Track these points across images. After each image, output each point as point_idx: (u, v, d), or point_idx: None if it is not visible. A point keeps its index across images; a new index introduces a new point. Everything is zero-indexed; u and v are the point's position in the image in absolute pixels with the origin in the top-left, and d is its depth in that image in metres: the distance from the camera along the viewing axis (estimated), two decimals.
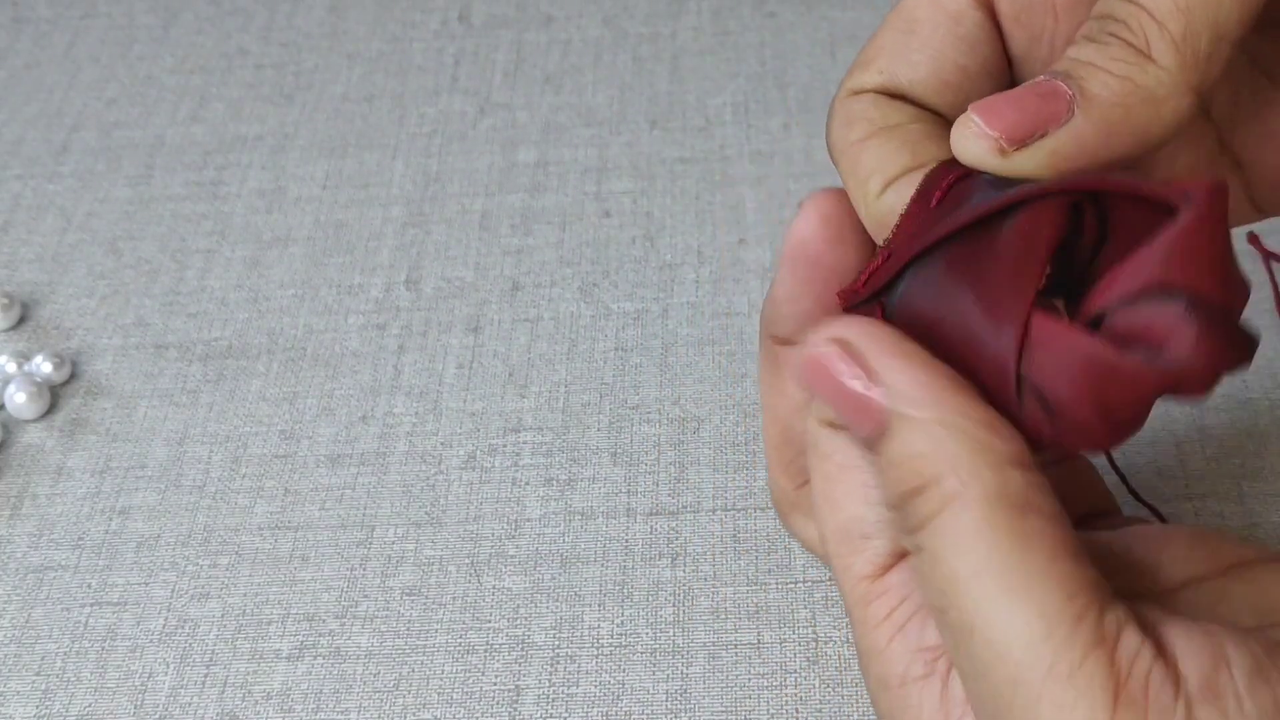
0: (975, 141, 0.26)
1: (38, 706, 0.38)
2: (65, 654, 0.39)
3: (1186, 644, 0.24)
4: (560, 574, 0.40)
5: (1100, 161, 0.26)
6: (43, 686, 0.39)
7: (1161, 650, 0.24)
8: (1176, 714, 0.23)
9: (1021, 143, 0.26)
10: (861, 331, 0.26)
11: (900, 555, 0.27)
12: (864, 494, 0.28)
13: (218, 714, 0.37)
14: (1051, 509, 0.24)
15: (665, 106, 0.54)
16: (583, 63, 0.56)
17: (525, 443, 0.43)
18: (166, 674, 0.38)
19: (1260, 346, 0.43)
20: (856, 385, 0.25)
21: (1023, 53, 0.30)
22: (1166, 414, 0.41)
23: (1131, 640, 0.23)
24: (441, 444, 0.43)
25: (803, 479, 0.32)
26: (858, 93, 0.30)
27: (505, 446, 0.43)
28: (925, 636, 0.27)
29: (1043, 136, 0.26)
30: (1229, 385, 0.42)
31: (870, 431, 0.26)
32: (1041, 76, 0.27)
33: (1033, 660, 0.23)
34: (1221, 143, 0.32)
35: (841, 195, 0.29)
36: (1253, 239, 0.45)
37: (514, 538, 0.41)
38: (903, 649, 0.27)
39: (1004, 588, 0.23)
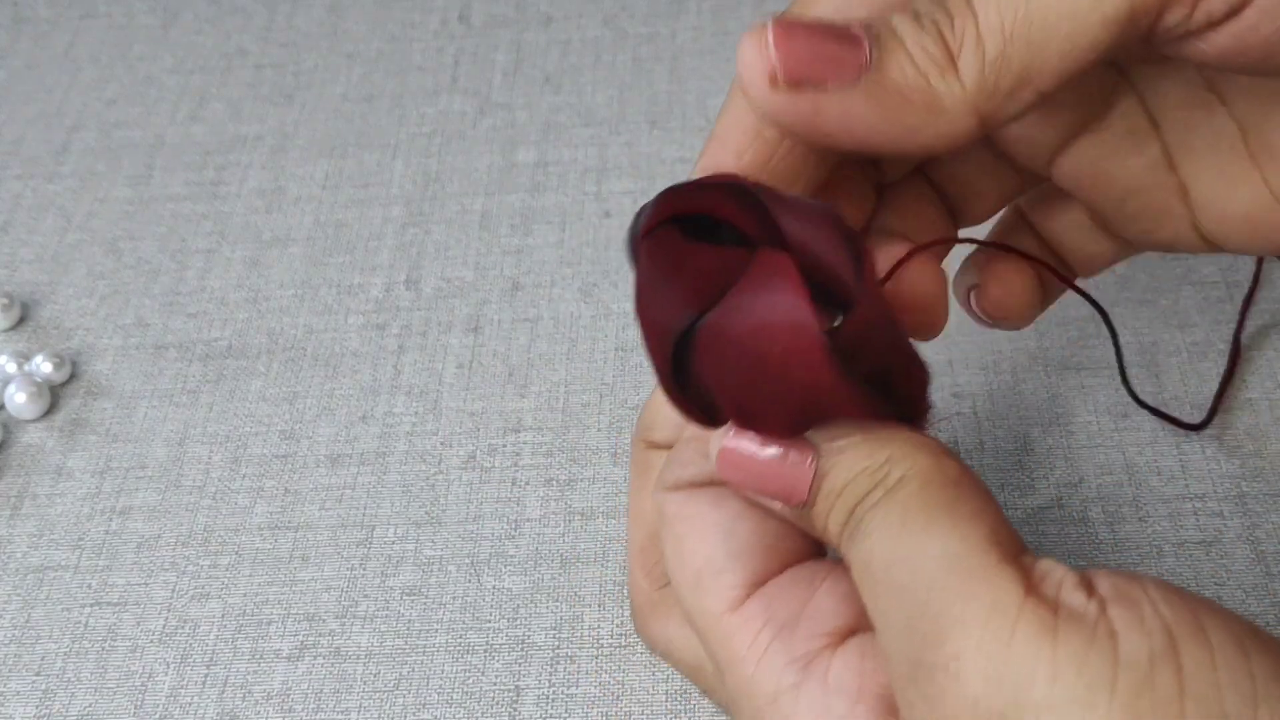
0: (756, 57, 0.26)
1: (38, 706, 0.38)
2: (65, 654, 0.39)
3: (1104, 574, 0.24)
4: (560, 574, 0.40)
5: (855, 143, 0.26)
6: (43, 686, 0.39)
7: (1080, 574, 0.24)
8: (1088, 611, 0.23)
9: (796, 85, 0.25)
10: None
11: (754, 585, 0.28)
12: (713, 537, 0.29)
13: (218, 714, 0.37)
14: (980, 488, 0.26)
15: (665, 106, 0.54)
16: (583, 63, 0.56)
17: (525, 443, 0.43)
18: (166, 674, 0.38)
19: (1259, 348, 0.43)
20: (784, 460, 0.26)
21: None
22: (1164, 416, 0.41)
23: (1048, 562, 0.24)
24: (441, 444, 0.43)
25: (665, 580, 0.33)
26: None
27: (505, 446, 0.43)
28: (793, 648, 0.28)
29: (818, 88, 0.25)
30: (1230, 385, 0.42)
31: (802, 490, 0.26)
32: (857, 25, 0.26)
33: (950, 567, 0.24)
34: (1169, 163, 0.31)
35: None
36: None
37: (514, 538, 0.41)
38: (771, 667, 0.28)
39: (928, 524, 0.25)
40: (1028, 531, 0.39)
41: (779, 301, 0.25)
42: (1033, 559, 0.24)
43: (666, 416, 0.31)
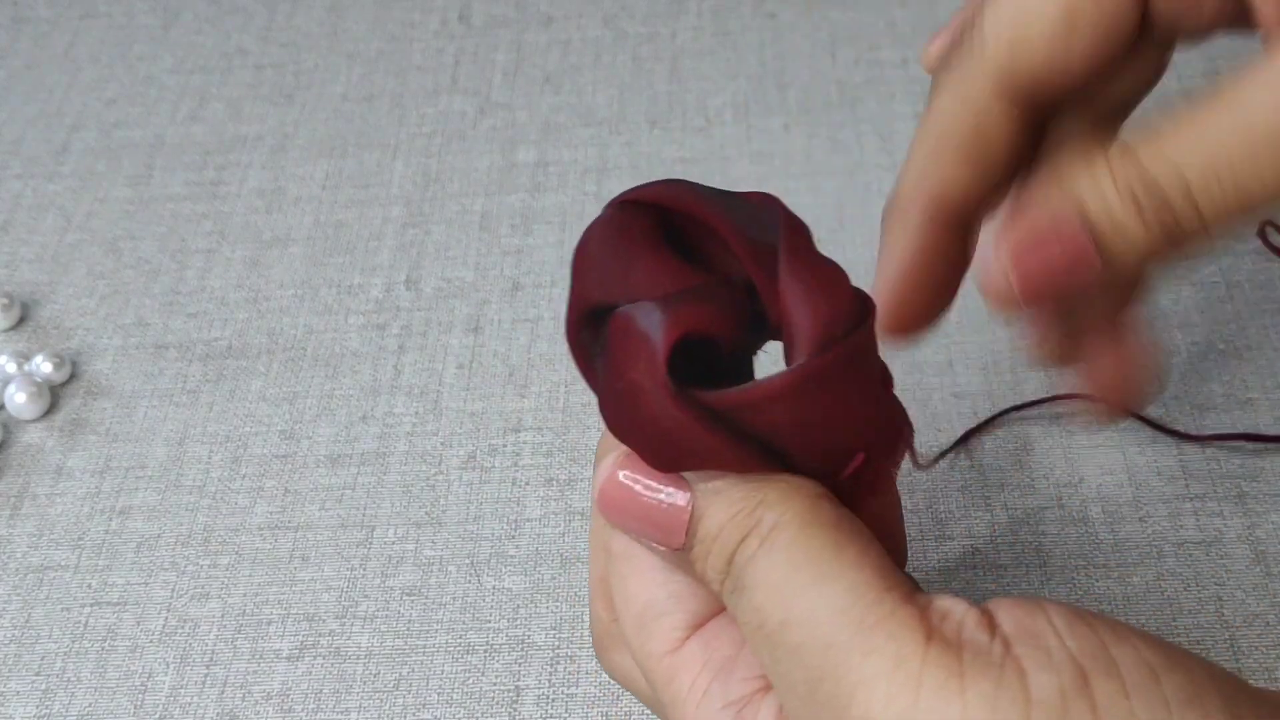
0: (1000, 295, 0.27)
1: (38, 706, 0.38)
2: (65, 654, 0.39)
3: (1005, 608, 0.24)
4: (560, 574, 0.40)
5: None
6: (43, 686, 0.39)
7: (980, 610, 0.24)
8: (993, 651, 0.23)
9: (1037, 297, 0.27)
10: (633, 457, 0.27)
11: (694, 627, 0.28)
12: (652, 578, 0.28)
13: (218, 714, 0.37)
14: (861, 529, 0.25)
15: (665, 106, 0.54)
16: (583, 63, 0.56)
17: (525, 443, 0.43)
18: (166, 674, 0.38)
19: (1259, 347, 0.43)
20: (660, 497, 0.26)
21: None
22: (1166, 414, 0.41)
23: (945, 600, 0.24)
24: (441, 444, 0.43)
25: None
26: None
27: (505, 446, 0.43)
28: (729, 691, 0.27)
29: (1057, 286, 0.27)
30: (1229, 385, 0.42)
31: (678, 531, 0.26)
32: (1066, 225, 0.27)
33: (842, 622, 0.23)
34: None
35: None
36: (1263, 232, 0.45)
37: (514, 538, 0.41)
38: (708, 710, 0.27)
39: (815, 577, 0.24)
40: (1027, 531, 0.39)
41: (650, 323, 0.25)
42: (928, 598, 0.24)
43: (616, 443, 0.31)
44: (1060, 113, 0.32)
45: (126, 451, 0.44)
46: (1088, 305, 0.33)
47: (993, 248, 0.28)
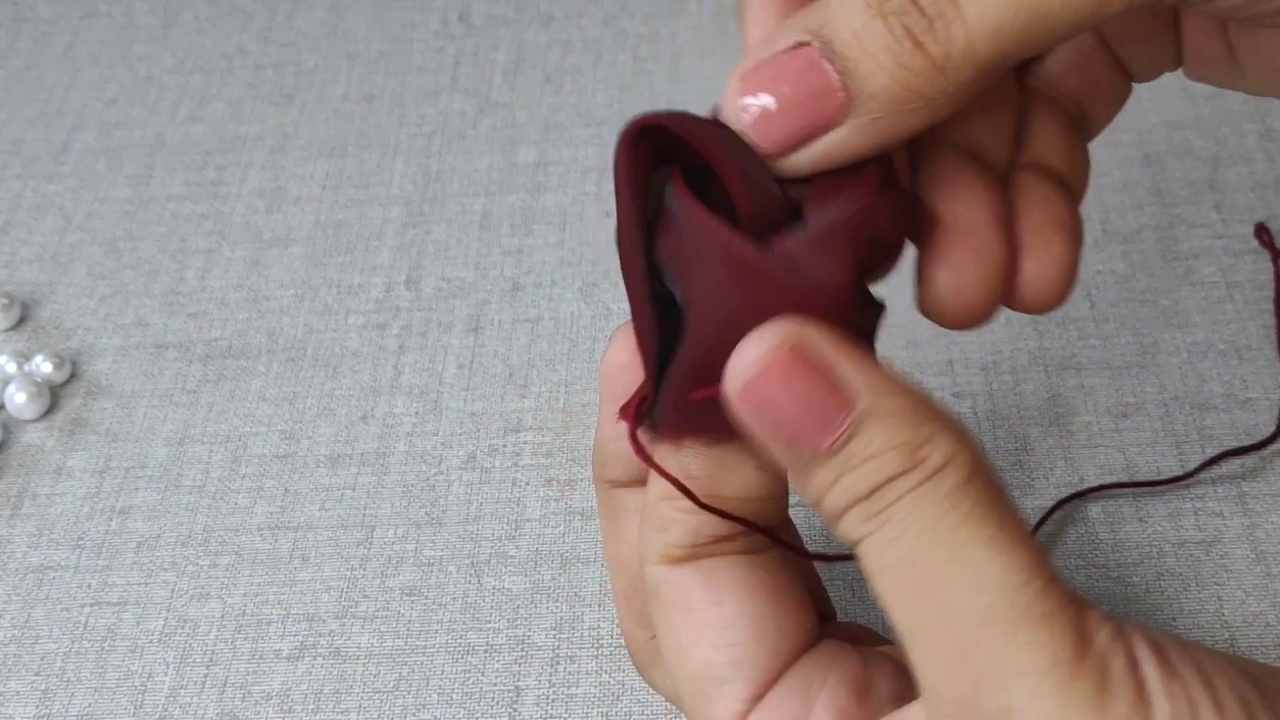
0: (749, 138, 0.25)
1: (38, 706, 0.38)
2: (65, 654, 0.39)
3: (1136, 632, 0.23)
4: (560, 574, 0.40)
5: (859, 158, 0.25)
6: (43, 686, 0.39)
7: (1117, 626, 0.23)
8: (1131, 674, 0.22)
9: (790, 151, 0.25)
10: (815, 331, 0.24)
11: (756, 698, 0.27)
12: (711, 637, 0.27)
13: (218, 714, 0.37)
14: (1014, 506, 0.24)
15: (665, 106, 0.54)
16: (583, 63, 0.56)
17: (525, 443, 0.43)
18: (166, 674, 0.38)
19: (1259, 347, 0.43)
20: (818, 385, 0.24)
21: None
22: (1166, 413, 0.41)
23: (1096, 611, 0.23)
24: (441, 444, 0.43)
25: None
26: None
27: (505, 446, 0.43)
28: None
29: (809, 142, 0.24)
30: (1229, 385, 0.42)
31: (828, 431, 0.24)
32: (815, 49, 0.24)
33: (1009, 600, 0.23)
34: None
35: None
36: (1261, 232, 0.45)
37: (514, 538, 0.41)
38: None
39: (985, 538, 0.23)
40: None
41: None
42: (1083, 603, 0.23)
43: (615, 452, 0.29)
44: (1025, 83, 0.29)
45: (126, 451, 0.44)
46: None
47: (730, 78, 0.25)
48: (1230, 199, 0.47)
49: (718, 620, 0.27)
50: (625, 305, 0.27)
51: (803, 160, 0.25)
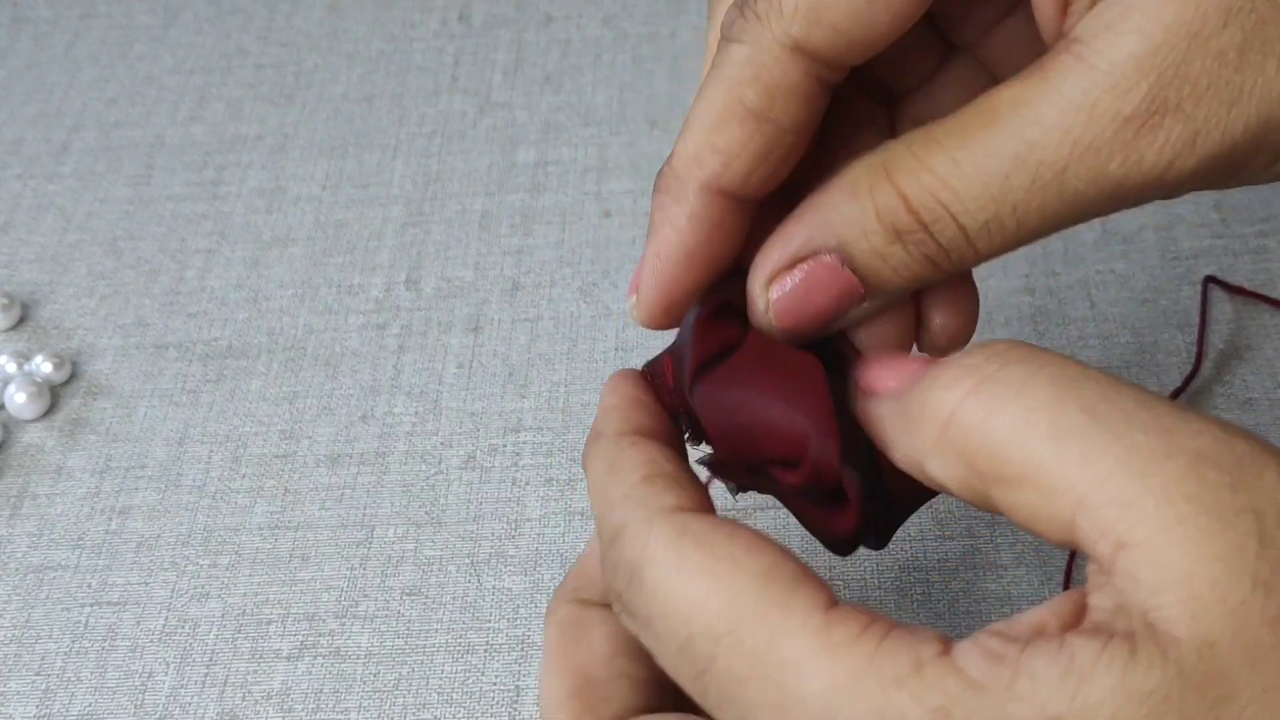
0: (761, 326, 0.27)
1: (38, 706, 0.38)
2: (65, 654, 0.39)
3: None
4: (560, 574, 0.40)
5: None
6: (43, 686, 0.39)
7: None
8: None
9: (810, 332, 0.27)
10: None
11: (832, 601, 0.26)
12: (756, 545, 0.26)
13: (218, 714, 0.37)
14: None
15: (665, 106, 0.54)
16: (583, 63, 0.56)
17: (525, 443, 0.43)
18: (166, 674, 0.38)
19: (1259, 348, 0.43)
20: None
21: None
22: None
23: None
24: (441, 444, 0.43)
25: None
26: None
27: (505, 446, 0.43)
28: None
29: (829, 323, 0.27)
30: (1229, 385, 0.42)
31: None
32: (836, 259, 0.26)
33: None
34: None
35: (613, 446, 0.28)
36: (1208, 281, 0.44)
37: (514, 538, 0.41)
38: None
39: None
40: (1028, 531, 0.39)
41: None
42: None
43: (595, 575, 0.29)
44: (848, 97, 0.30)
45: (126, 451, 0.44)
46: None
47: (751, 274, 0.27)
48: (1230, 199, 0.47)
49: (752, 541, 0.25)
50: (625, 306, 0.27)
51: (818, 331, 0.27)
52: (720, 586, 0.23)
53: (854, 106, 0.30)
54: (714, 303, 0.28)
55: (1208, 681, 0.19)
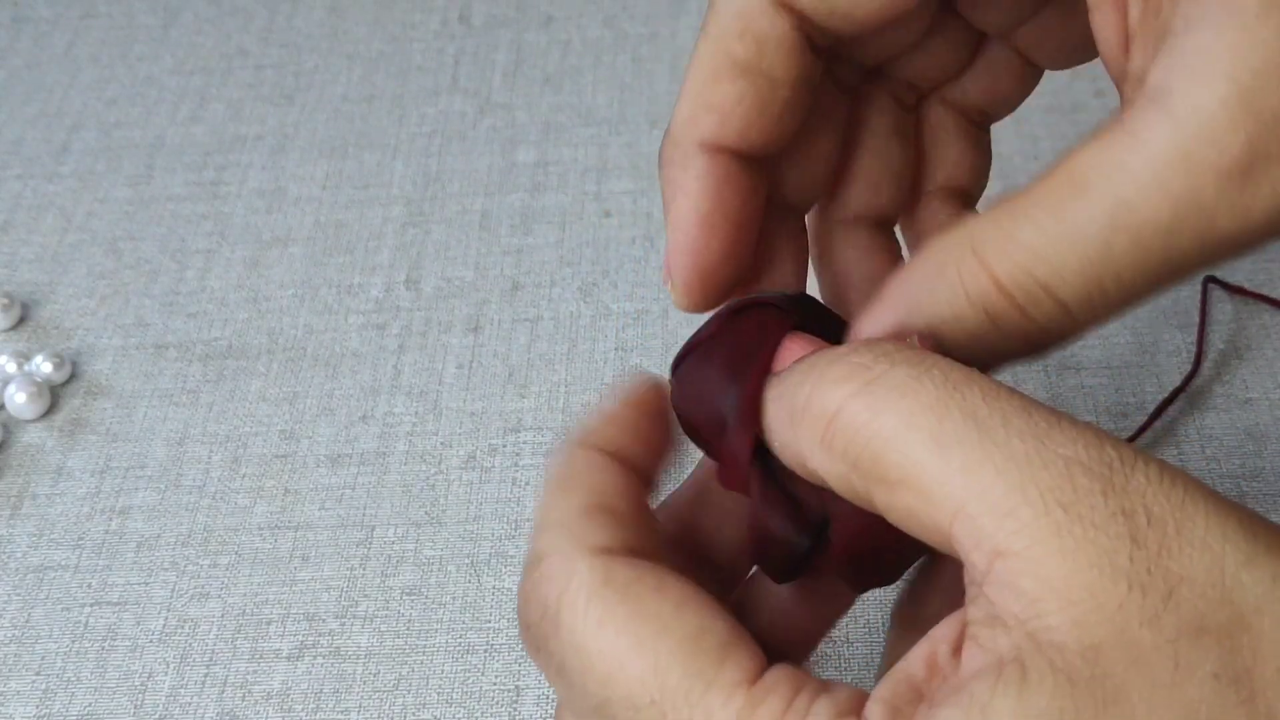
0: None
1: (38, 706, 0.38)
2: (65, 654, 0.39)
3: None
4: None
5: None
6: (43, 686, 0.39)
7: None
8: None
9: None
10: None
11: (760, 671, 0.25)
12: (695, 605, 0.24)
13: (218, 714, 0.37)
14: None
15: (665, 106, 0.54)
16: (583, 63, 0.56)
17: (525, 443, 0.43)
18: (166, 674, 0.38)
19: (1259, 348, 0.43)
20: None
21: None
22: (1166, 415, 0.41)
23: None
24: (441, 444, 0.43)
25: None
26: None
27: (505, 446, 0.43)
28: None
29: None
30: (1229, 385, 0.42)
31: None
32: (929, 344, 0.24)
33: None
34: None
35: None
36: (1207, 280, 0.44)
37: (514, 538, 0.41)
38: None
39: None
40: None
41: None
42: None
43: None
44: (926, 102, 0.30)
45: (126, 451, 0.44)
46: None
47: (850, 338, 0.26)
48: None
49: (681, 598, 0.24)
50: (625, 306, 0.27)
51: None
52: (644, 651, 0.22)
53: (878, 106, 0.30)
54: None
55: (1096, 685, 0.19)
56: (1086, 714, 0.19)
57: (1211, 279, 0.44)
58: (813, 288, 0.30)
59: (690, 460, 0.29)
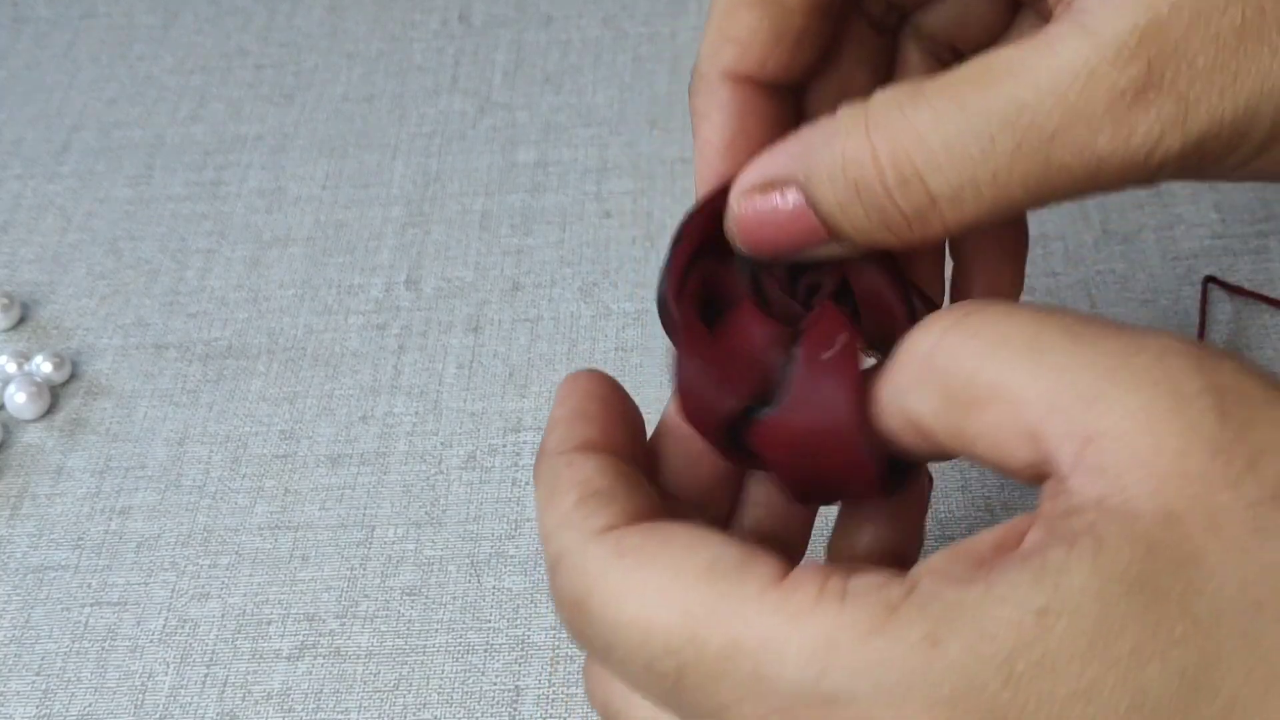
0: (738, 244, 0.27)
1: (38, 706, 0.38)
2: (65, 654, 0.39)
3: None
4: None
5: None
6: (43, 686, 0.39)
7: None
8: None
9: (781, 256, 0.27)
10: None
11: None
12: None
13: (218, 714, 0.37)
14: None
15: (665, 106, 0.54)
16: (583, 63, 0.56)
17: (525, 443, 0.43)
18: (166, 674, 0.39)
19: (1259, 348, 0.43)
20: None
21: None
22: None
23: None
24: (441, 444, 0.43)
25: None
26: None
27: (505, 446, 0.43)
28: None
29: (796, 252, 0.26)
30: None
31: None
32: (793, 195, 0.25)
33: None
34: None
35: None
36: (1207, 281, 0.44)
37: (514, 538, 0.41)
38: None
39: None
40: None
41: (832, 409, 0.24)
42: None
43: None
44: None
45: (126, 451, 0.44)
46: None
47: (735, 179, 0.26)
48: (1230, 199, 0.47)
49: (689, 539, 0.25)
50: (625, 306, 0.27)
51: (779, 258, 0.27)
52: (668, 598, 0.22)
53: (917, 48, 0.31)
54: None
55: (1174, 548, 0.20)
56: (1164, 576, 0.19)
57: (1211, 279, 0.44)
58: None
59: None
